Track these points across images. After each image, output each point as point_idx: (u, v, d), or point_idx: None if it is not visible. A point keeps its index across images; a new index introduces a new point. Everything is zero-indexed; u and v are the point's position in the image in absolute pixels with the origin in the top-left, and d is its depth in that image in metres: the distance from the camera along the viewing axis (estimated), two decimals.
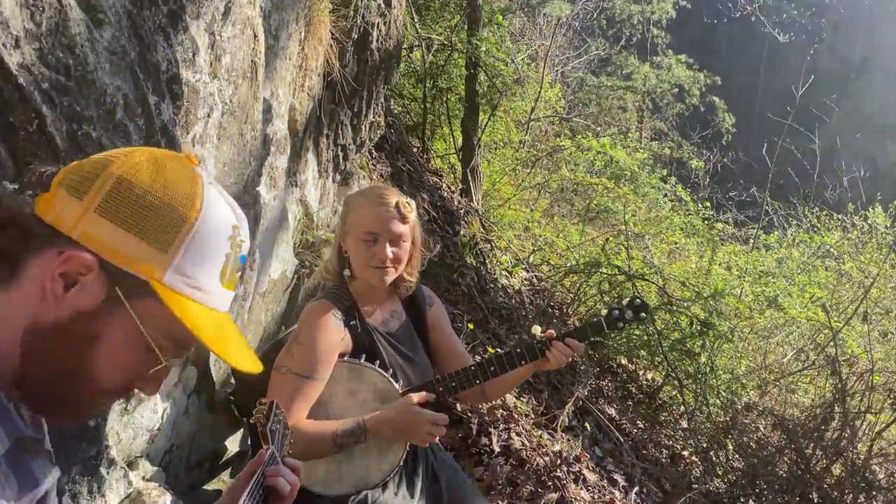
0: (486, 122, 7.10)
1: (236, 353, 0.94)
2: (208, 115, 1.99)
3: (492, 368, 2.20)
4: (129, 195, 0.87)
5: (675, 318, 5.49)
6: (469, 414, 3.99)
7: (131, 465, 1.94)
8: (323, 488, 2.11)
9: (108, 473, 1.74)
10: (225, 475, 2.65)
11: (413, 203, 2.24)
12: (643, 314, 2.29)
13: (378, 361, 2.18)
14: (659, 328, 5.30)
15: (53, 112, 1.25)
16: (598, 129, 13.09)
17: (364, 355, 2.17)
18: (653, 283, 5.58)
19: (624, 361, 6.37)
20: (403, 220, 2.15)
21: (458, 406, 4.00)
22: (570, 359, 2.17)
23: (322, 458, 2.07)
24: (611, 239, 6.64)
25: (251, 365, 0.97)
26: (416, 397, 2.09)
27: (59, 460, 1.63)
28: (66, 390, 0.89)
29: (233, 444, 2.71)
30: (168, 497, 1.95)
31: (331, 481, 2.12)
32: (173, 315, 0.88)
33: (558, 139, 9.73)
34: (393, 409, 2.07)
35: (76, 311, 0.87)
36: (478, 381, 2.21)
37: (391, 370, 2.19)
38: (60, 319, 0.87)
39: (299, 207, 3.58)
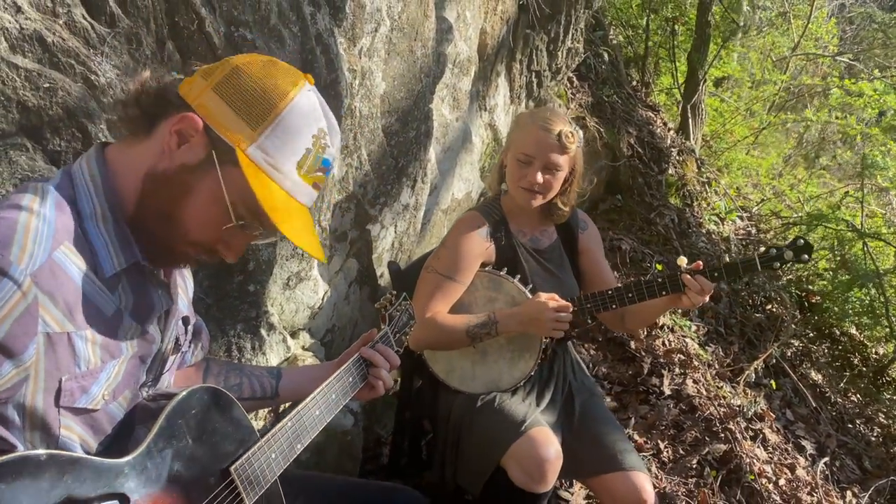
0: (715, 55, 6.54)
1: (297, 231, 1.09)
2: (375, 30, 2.16)
3: (629, 295, 2.19)
4: (239, 81, 1.09)
5: None
6: (643, 352, 3.92)
7: (294, 334, 2.26)
8: (458, 384, 2.30)
9: (268, 336, 2.06)
10: None
11: (578, 134, 2.25)
12: (805, 256, 2.10)
13: (519, 276, 2.27)
14: (889, 296, 4.67)
15: (212, 14, 1.48)
16: (877, 70, 11.32)
17: (506, 268, 2.28)
18: (890, 244, 4.89)
19: (853, 331, 5.72)
20: (563, 150, 2.18)
21: (631, 344, 3.95)
22: (706, 298, 2.07)
23: (456, 349, 2.24)
24: (850, 192, 5.86)
25: (308, 244, 1.11)
26: (544, 295, 2.15)
27: (225, 317, 1.98)
28: (161, 233, 1.12)
29: None
30: None
31: (466, 379, 2.30)
32: (248, 183, 1.06)
33: (819, 80, 8.65)
34: (521, 305, 2.17)
35: (181, 163, 1.09)
36: (614, 306, 2.21)
37: (531, 286, 2.27)
38: (168, 170, 1.09)
39: (488, 132, 3.69)
